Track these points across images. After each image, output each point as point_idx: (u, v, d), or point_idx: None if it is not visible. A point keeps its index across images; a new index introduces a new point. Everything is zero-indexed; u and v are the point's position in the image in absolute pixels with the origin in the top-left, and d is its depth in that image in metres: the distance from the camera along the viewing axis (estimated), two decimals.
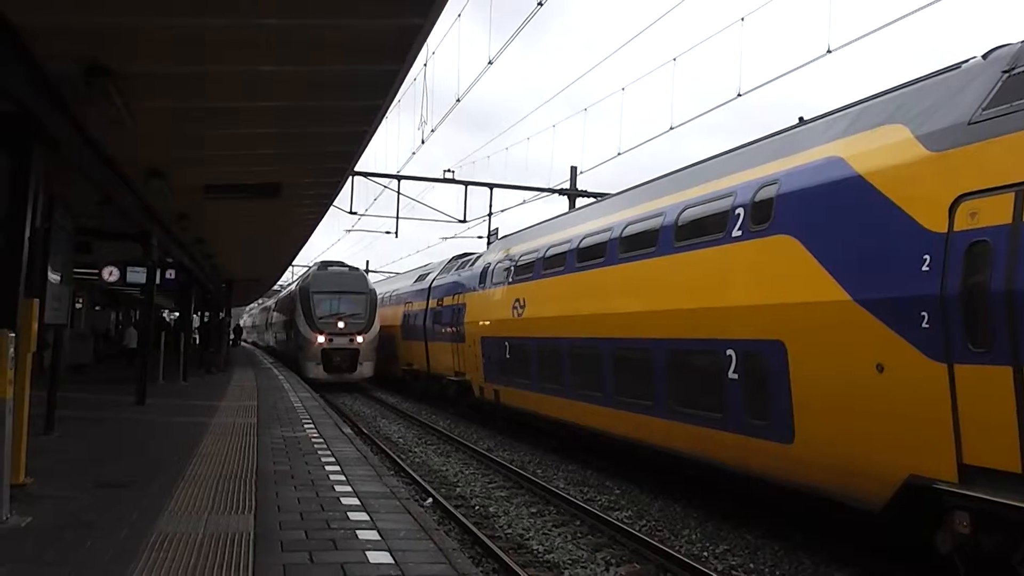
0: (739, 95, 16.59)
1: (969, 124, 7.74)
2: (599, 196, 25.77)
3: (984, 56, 8.44)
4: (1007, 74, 7.77)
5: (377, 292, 35.70)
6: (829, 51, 13.39)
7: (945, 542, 7.58)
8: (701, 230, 11.73)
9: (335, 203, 19.31)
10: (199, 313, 36.30)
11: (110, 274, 19.43)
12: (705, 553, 9.88)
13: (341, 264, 37.43)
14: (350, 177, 24.83)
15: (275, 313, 53.60)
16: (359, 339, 32.64)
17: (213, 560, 6.14)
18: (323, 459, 11.33)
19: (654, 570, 9.18)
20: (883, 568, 9.11)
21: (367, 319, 33.21)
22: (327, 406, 19.54)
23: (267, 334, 61.55)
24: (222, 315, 39.32)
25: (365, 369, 33.11)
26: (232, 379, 27.74)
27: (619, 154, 23.83)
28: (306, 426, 15.19)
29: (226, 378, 28.12)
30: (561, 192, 29.70)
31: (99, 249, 17.52)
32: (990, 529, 7.14)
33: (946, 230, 7.54)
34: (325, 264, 36.79)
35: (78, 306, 31.02)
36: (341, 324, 32.61)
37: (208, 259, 26.30)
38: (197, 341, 34.85)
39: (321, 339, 32.43)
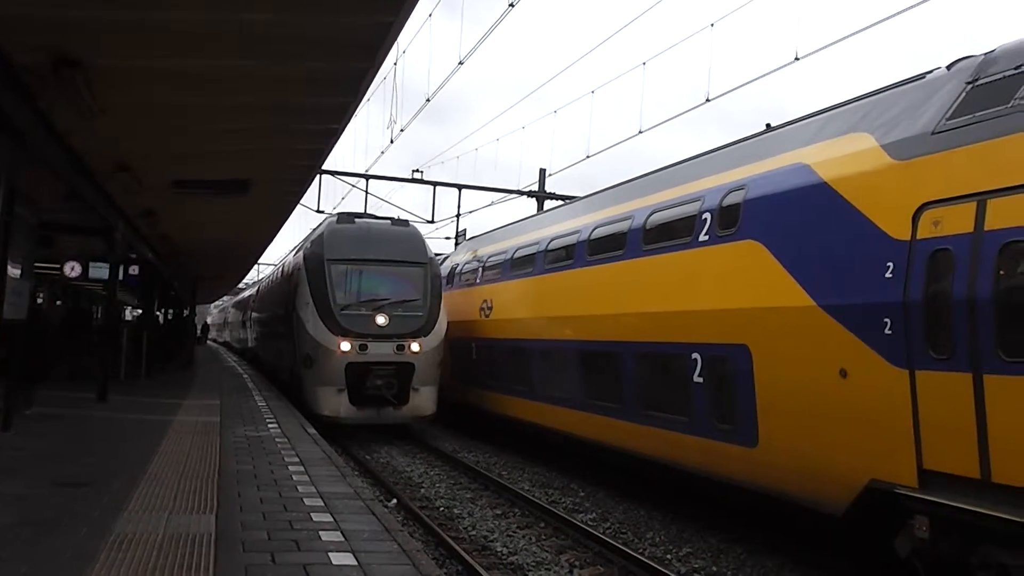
0: (708, 100, 16.72)
1: (933, 134, 7.87)
2: (567, 198, 25.85)
3: (948, 67, 8.59)
4: (971, 85, 7.91)
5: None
6: (797, 58, 13.54)
7: (905, 546, 7.69)
8: (669, 234, 11.81)
9: (302, 201, 19.16)
10: (163, 310, 35.86)
11: (72, 269, 19.13)
12: (668, 556, 9.93)
13: (372, 216, 22.60)
14: (318, 175, 24.70)
15: (259, 304, 35.60)
16: (415, 346, 18.70)
17: (174, 560, 6.06)
18: (287, 459, 11.23)
19: (617, 572, 9.21)
20: (845, 571, 9.21)
21: (427, 310, 19.20)
22: (290, 405, 19.37)
23: (246, 333, 43.41)
24: (187, 312, 38.84)
25: (423, 400, 18.94)
26: (196, 377, 27.45)
27: (588, 156, 23.93)
28: (270, 425, 15.05)
29: (190, 376, 27.82)
30: (530, 194, 29.75)
31: (61, 243, 17.25)
32: (949, 533, 7.25)
33: (909, 238, 7.65)
34: (349, 215, 21.74)
35: (39, 301, 30.49)
36: (382, 320, 18.72)
37: (174, 256, 26.00)
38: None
39: (346, 346, 18.42)
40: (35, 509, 7.41)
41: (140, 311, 32.27)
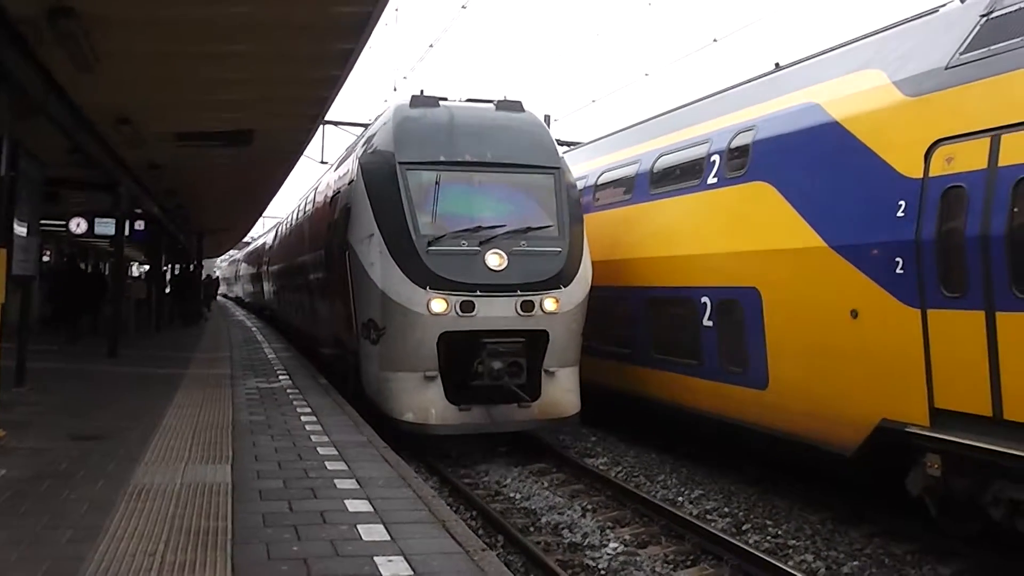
0: (715, 40, 16.51)
1: (946, 69, 7.74)
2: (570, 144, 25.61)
3: (962, 0, 8.41)
4: (984, 18, 7.75)
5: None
6: None
7: (916, 484, 7.73)
8: (676, 177, 11.72)
9: (305, 153, 19.01)
10: (170, 265, 35.84)
11: (77, 226, 19.14)
12: (680, 498, 10.00)
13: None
14: (321, 126, 24.49)
15: (282, 247, 26.11)
16: (549, 304, 11.13)
17: (192, 509, 6.13)
18: (299, 409, 11.31)
19: (631, 515, 9.29)
20: (854, 509, 9.28)
21: (567, 244, 11.57)
22: (300, 356, 19.46)
23: (268, 287, 32.64)
24: (193, 267, 38.77)
25: (561, 390, 11.51)
26: (205, 331, 27.57)
27: (593, 102, 23.64)
28: (281, 377, 15.15)
29: (199, 330, 27.94)
30: None
31: (67, 199, 17.21)
32: (960, 471, 7.28)
33: (922, 175, 7.56)
34: (426, 98, 12.59)
35: (46, 259, 30.47)
36: (495, 261, 11.10)
37: (179, 210, 25.92)
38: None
39: (438, 305, 10.79)
40: (52, 462, 7.48)
41: (147, 267, 32.09)
